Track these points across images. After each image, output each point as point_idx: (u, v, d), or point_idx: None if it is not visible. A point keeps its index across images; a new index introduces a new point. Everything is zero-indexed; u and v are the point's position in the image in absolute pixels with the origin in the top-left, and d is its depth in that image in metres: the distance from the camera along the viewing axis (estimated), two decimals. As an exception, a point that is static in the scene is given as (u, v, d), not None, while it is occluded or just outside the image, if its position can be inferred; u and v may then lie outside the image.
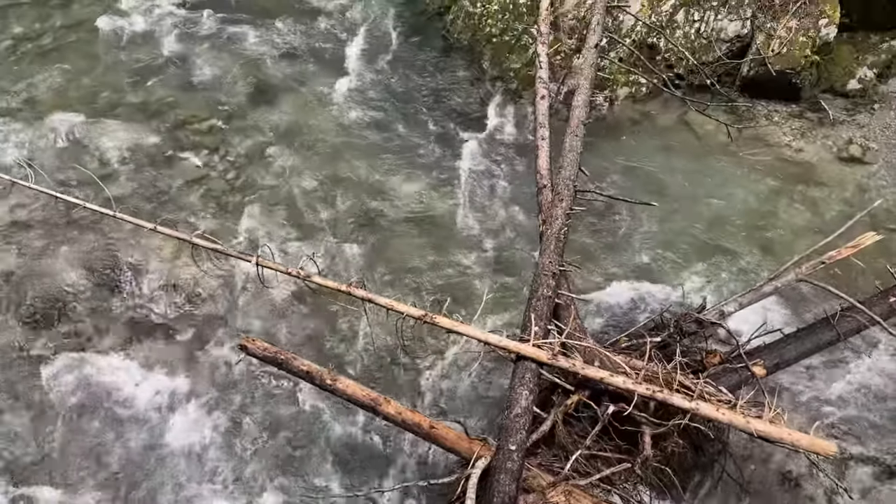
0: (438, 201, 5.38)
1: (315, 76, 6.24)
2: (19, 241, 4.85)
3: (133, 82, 6.03)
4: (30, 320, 4.52)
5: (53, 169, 5.24)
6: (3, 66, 6.14)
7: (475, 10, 6.35)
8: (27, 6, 6.75)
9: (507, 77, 6.05)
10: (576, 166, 4.36)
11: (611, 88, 5.85)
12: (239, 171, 5.51)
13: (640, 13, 5.80)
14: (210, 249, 4.19)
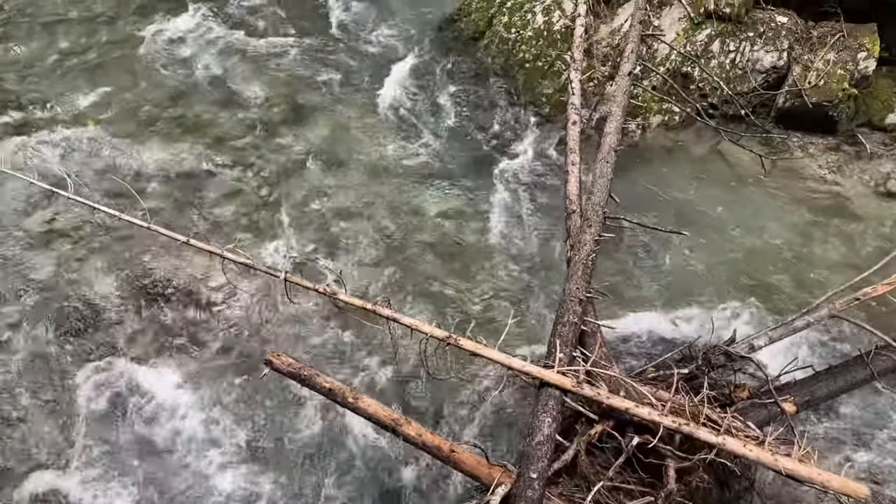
0: (467, 223, 5.40)
1: (350, 97, 6.33)
2: (56, 250, 4.97)
3: (173, 98, 6.18)
4: (63, 327, 4.62)
5: (92, 180, 5.38)
6: (49, 79, 6.34)
7: (509, 35, 6.40)
8: (75, 22, 6.98)
9: (538, 102, 6.08)
10: (606, 192, 4.34)
11: (643, 116, 5.83)
12: (272, 187, 5.59)
13: (675, 42, 5.80)
14: (240, 264, 4.25)
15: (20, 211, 5.18)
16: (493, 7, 6.67)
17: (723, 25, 5.83)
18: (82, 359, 4.49)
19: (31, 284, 4.78)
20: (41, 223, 5.10)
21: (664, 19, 5.96)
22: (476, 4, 6.81)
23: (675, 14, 5.94)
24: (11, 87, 6.25)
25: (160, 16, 6.95)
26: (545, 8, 6.35)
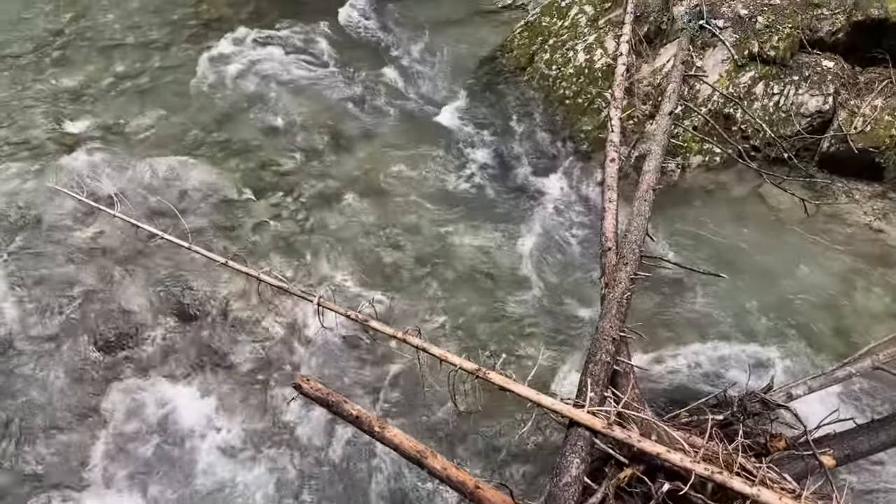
0: (501, 255, 5.39)
1: (390, 128, 6.44)
2: (99, 266, 5.10)
3: (220, 123, 6.36)
4: (99, 342, 4.72)
5: (138, 199, 5.53)
6: (102, 101, 6.60)
7: (550, 72, 6.45)
8: (131, 47, 7.28)
9: (577, 138, 6.09)
10: (643, 231, 4.31)
11: (683, 156, 5.79)
12: (309, 213, 5.68)
13: (717, 83, 5.77)
14: (275, 287, 4.31)
15: (67, 226, 5.35)
16: (534, 44, 6.75)
17: (767, 68, 5.79)
18: (116, 374, 4.57)
19: (73, 299, 4.90)
20: (86, 239, 5.25)
21: (707, 60, 5.95)
22: (518, 41, 6.89)
23: (718, 56, 5.93)
24: (66, 107, 6.52)
25: (212, 43, 7.20)
26: (587, 46, 6.39)
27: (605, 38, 6.35)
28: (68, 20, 7.67)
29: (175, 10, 7.85)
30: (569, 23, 6.70)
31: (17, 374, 4.54)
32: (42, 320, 4.78)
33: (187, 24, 7.62)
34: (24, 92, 6.67)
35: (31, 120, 6.36)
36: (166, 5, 7.96)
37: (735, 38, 5.91)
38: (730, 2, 6.09)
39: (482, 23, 7.67)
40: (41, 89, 6.70)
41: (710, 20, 6.00)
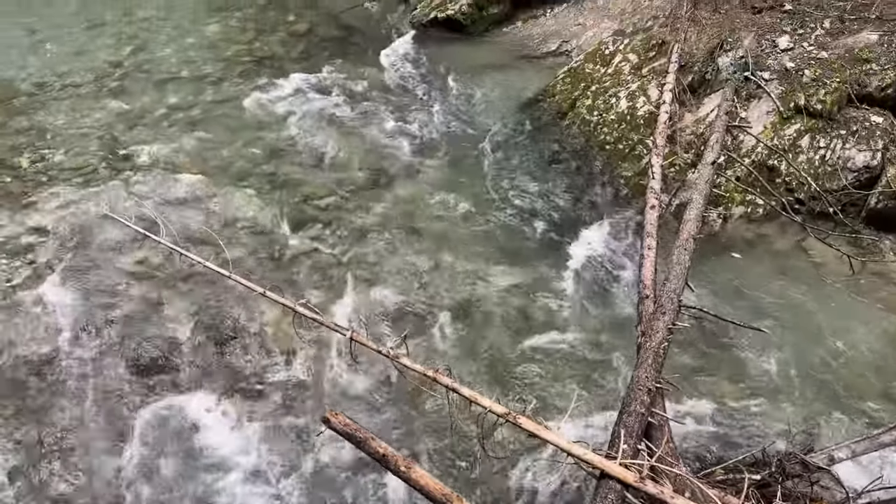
0: (536, 297, 5.35)
1: (430, 167, 6.52)
2: (140, 290, 5.22)
3: (266, 156, 6.53)
4: (136, 363, 4.79)
5: (183, 227, 5.67)
6: (155, 130, 6.84)
7: (591, 118, 6.49)
8: (185, 80, 7.57)
9: (617, 183, 6.07)
10: (682, 280, 4.25)
11: (725, 206, 5.72)
12: (347, 247, 5.74)
13: (761, 135, 5.73)
14: (310, 319, 4.34)
15: (114, 250, 5.49)
16: (577, 90, 6.81)
17: (813, 121, 5.73)
18: (150, 396, 4.62)
19: (114, 320, 5.01)
20: (131, 263, 5.38)
21: (752, 112, 5.91)
22: (560, 87, 6.97)
23: (763, 107, 5.89)
24: (120, 136, 6.77)
25: (263, 80, 7.46)
26: (630, 94, 6.43)
27: (648, 86, 6.38)
28: (128, 53, 8.04)
29: (229, 47, 8.17)
30: (612, 70, 6.76)
31: (56, 391, 4.62)
32: (83, 340, 4.88)
33: (240, 61, 7.92)
34: (82, 119, 6.96)
35: (86, 146, 6.62)
36: (221, 42, 8.30)
37: (781, 90, 5.88)
38: (776, 54, 6.08)
39: (525, 68, 7.79)
40: (98, 117, 6.99)
41: (756, 72, 5.99)
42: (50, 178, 6.23)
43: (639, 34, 7.17)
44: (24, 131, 6.80)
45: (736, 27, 6.47)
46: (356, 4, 9.09)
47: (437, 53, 8.06)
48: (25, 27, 8.66)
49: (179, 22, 8.73)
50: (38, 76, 7.66)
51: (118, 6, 9.09)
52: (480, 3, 8.29)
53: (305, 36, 8.48)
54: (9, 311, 5.02)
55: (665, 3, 7.55)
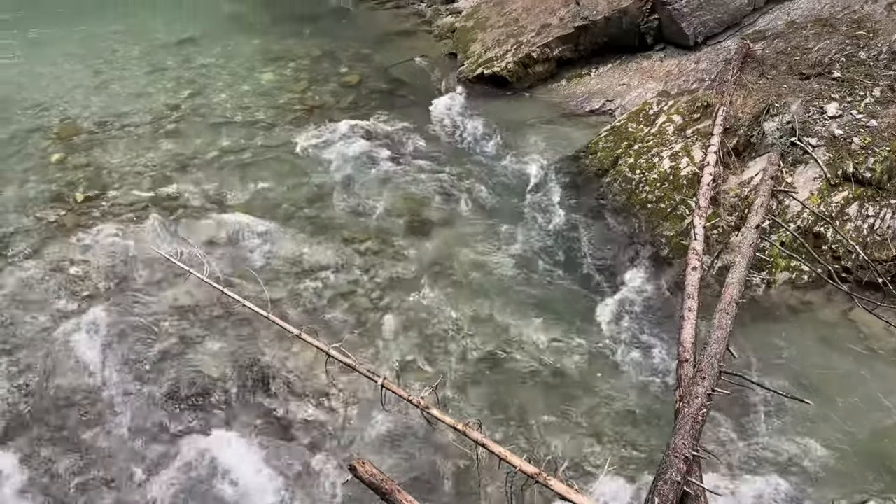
0: (572, 354, 5.27)
1: (469, 218, 6.57)
2: (180, 326, 5.32)
3: (310, 200, 6.69)
4: (170, 399, 4.85)
5: (226, 265, 5.81)
6: (206, 171, 7.08)
7: (633, 175, 6.49)
8: (238, 125, 7.85)
9: (658, 243, 6.02)
10: (723, 345, 4.14)
11: (769, 271, 5.60)
12: (383, 292, 5.78)
13: (808, 201, 5.64)
14: (343, 363, 4.35)
15: (158, 285, 5.64)
16: (619, 148, 6.84)
17: (862, 189, 5.63)
18: (182, 432, 4.65)
19: (152, 355, 5.10)
20: (173, 299, 5.51)
21: (798, 177, 5.84)
22: (603, 144, 7.01)
23: (810, 173, 5.82)
24: (172, 175, 7.02)
25: (313, 127, 7.70)
26: (673, 154, 6.42)
27: (692, 147, 6.37)
28: (185, 97, 8.40)
29: (282, 95, 8.48)
30: (655, 130, 6.79)
31: (90, 422, 4.70)
32: (121, 373, 4.98)
33: (292, 108, 8.20)
34: (137, 158, 7.26)
35: (139, 184, 6.88)
36: (275, 90, 8.62)
37: (828, 157, 5.81)
38: (824, 121, 6.03)
39: (568, 124, 7.87)
40: (152, 157, 7.27)
41: (803, 138, 5.94)
42: (102, 214, 6.46)
43: (683, 96, 7.20)
44: (83, 167, 7.11)
45: (783, 93, 6.46)
46: (406, 59, 9.36)
47: (482, 108, 8.21)
48: (92, 69, 9.14)
49: (236, 70, 9.12)
50: (100, 115, 8.04)
51: (180, 53, 9.55)
52: (526, 62, 8.46)
53: (356, 87, 8.75)
54: (52, 341, 5.17)
55: (711, 67, 7.60)
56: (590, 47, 8.47)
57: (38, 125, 7.85)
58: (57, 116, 8.02)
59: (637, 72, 8.17)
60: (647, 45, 8.29)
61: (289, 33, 10.22)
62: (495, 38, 8.89)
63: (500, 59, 8.55)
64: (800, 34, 7.19)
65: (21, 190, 6.77)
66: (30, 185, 6.83)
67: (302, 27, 10.50)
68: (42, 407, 4.76)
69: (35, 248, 6.01)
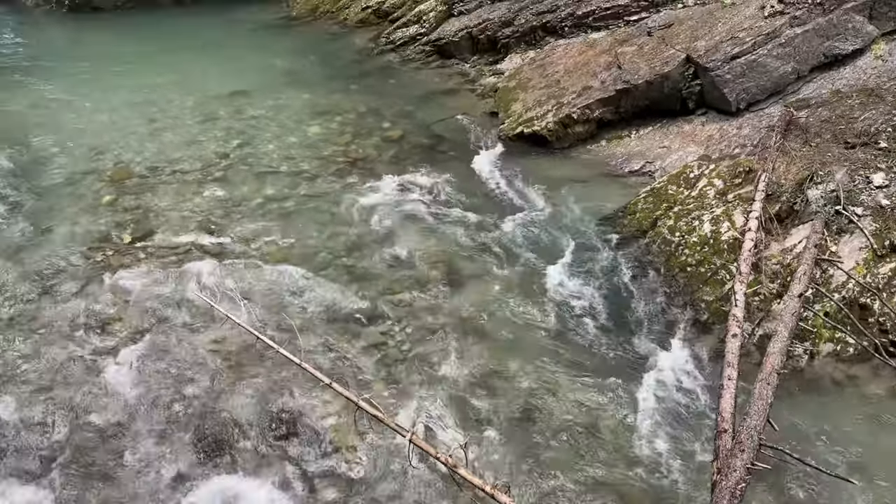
0: (604, 416, 5.15)
1: (505, 273, 6.57)
2: (215, 368, 5.37)
3: (348, 249, 6.78)
4: (199, 441, 4.86)
5: (262, 310, 5.88)
6: (249, 218, 7.26)
7: (673, 238, 6.43)
8: (283, 174, 8.08)
9: (697, 307, 5.91)
10: (764, 417, 4.01)
11: (812, 341, 5.44)
12: (414, 344, 5.76)
13: (853, 271, 5.50)
14: (372, 415, 4.32)
15: (195, 327, 5.73)
16: (658, 210, 6.81)
17: (911, 261, 5.47)
18: (209, 476, 4.64)
19: (185, 396, 5.14)
20: (209, 342, 5.58)
21: (843, 246, 5.72)
22: (642, 205, 6.99)
23: (855, 243, 5.69)
24: (216, 220, 7.21)
25: (354, 179, 7.89)
26: (714, 218, 6.36)
27: (733, 212, 6.31)
28: (234, 146, 8.70)
29: (327, 147, 8.72)
30: (696, 193, 6.75)
31: (120, 460, 4.73)
32: (154, 412, 5.02)
33: (335, 160, 8.42)
34: (185, 203, 7.49)
35: (184, 227, 7.07)
36: (320, 142, 8.88)
37: (875, 227, 5.69)
38: (870, 191, 5.94)
39: (607, 184, 7.89)
40: (199, 202, 7.50)
41: (848, 206, 5.84)
42: (147, 255, 6.65)
43: (725, 160, 7.19)
44: (132, 210, 7.36)
45: (827, 161, 6.40)
46: (448, 116, 9.58)
47: (521, 165, 8.30)
48: (148, 117, 9.55)
49: (285, 122, 9.43)
50: (152, 161, 8.35)
51: (232, 104, 9.94)
52: (566, 122, 8.56)
53: (398, 142, 8.96)
54: (88, 378, 5.26)
55: (753, 133, 7.58)
56: (630, 110, 8.55)
57: (94, 168, 8.19)
58: (111, 160, 8.36)
59: (678, 135, 8.20)
60: (688, 109, 8.33)
61: (337, 89, 10.57)
62: (536, 99, 9.05)
63: (540, 119, 8.68)
64: (845, 103, 7.16)
65: (72, 229, 7.02)
66: (80, 225, 7.08)
67: (349, 83, 10.86)
68: (74, 443, 4.81)
69: (80, 285, 6.19)
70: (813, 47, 7.83)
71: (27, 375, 5.26)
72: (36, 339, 5.59)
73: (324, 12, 14.34)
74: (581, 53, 9.55)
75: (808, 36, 7.82)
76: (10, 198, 7.55)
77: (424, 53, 11.79)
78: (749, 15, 8.27)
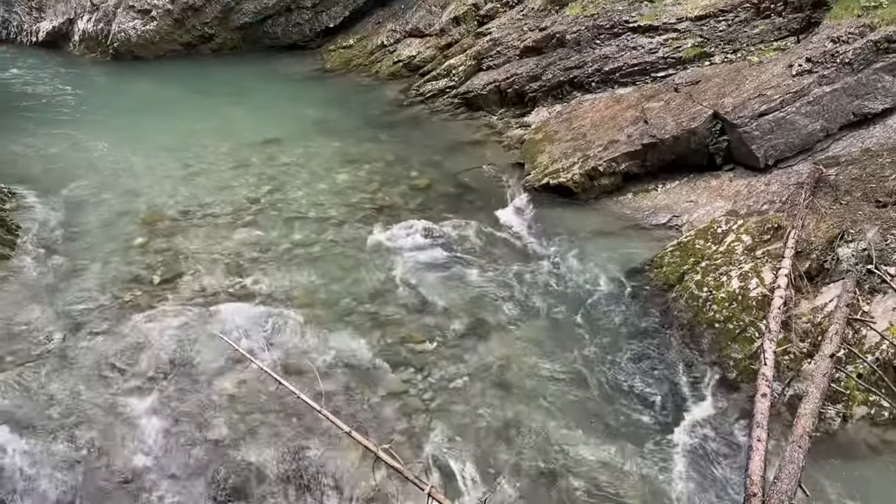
0: (628, 478, 5.01)
1: (529, 325, 6.52)
2: (234, 413, 5.36)
3: (372, 296, 6.81)
4: (216, 487, 4.83)
5: (284, 355, 5.89)
6: (276, 262, 7.34)
7: (700, 293, 6.35)
8: (311, 220, 8.20)
9: (725, 365, 5.78)
10: (795, 481, 3.87)
11: (845, 404, 5.27)
12: (436, 393, 5.71)
13: (887, 332, 5.36)
14: (391, 466, 4.26)
15: (217, 371, 5.75)
16: (686, 264, 6.75)
17: (948, 323, 5.33)
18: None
19: (205, 440, 5.13)
20: (231, 385, 5.59)
21: (875, 306, 5.59)
22: (669, 259, 6.94)
23: (888, 303, 5.56)
24: (244, 263, 7.31)
25: (380, 226, 7.98)
26: (742, 274, 6.28)
27: (762, 269, 6.23)
28: (265, 192, 8.88)
29: (355, 195, 8.86)
30: (724, 248, 6.69)
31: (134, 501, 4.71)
32: (173, 456, 5.01)
33: (363, 207, 8.53)
34: (214, 246, 7.61)
35: (212, 270, 7.17)
36: (348, 189, 9.02)
37: (909, 287, 5.56)
38: (903, 250, 5.83)
39: (633, 237, 7.86)
40: (228, 246, 7.62)
41: (880, 266, 5.73)
42: (175, 296, 6.74)
43: (753, 216, 7.13)
44: (163, 251, 7.50)
45: (858, 219, 6.32)
46: (474, 166, 9.70)
47: (546, 216, 8.32)
48: (183, 162, 9.82)
49: (315, 169, 9.62)
50: (184, 205, 8.55)
51: (265, 151, 10.19)
52: (592, 174, 8.61)
53: (424, 190, 9.07)
54: (110, 419, 5.28)
55: (782, 190, 7.54)
56: (657, 164, 8.58)
57: (128, 210, 8.40)
58: (145, 203, 8.57)
59: (705, 190, 8.18)
60: (715, 164, 8.34)
61: (366, 138, 10.79)
62: (563, 151, 9.14)
63: (566, 171, 8.74)
64: (875, 162, 7.10)
65: (103, 269, 7.16)
66: (112, 266, 7.22)
67: (379, 133, 11.09)
68: (93, 485, 4.81)
69: (109, 325, 6.27)
70: (842, 106, 7.84)
71: (50, 413, 5.30)
72: (62, 376, 5.65)
73: (357, 65, 14.78)
74: (608, 108, 9.66)
75: (837, 95, 7.84)
76: (46, 237, 7.76)
77: (453, 105, 12.02)
78: (776, 73, 8.33)
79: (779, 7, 9.35)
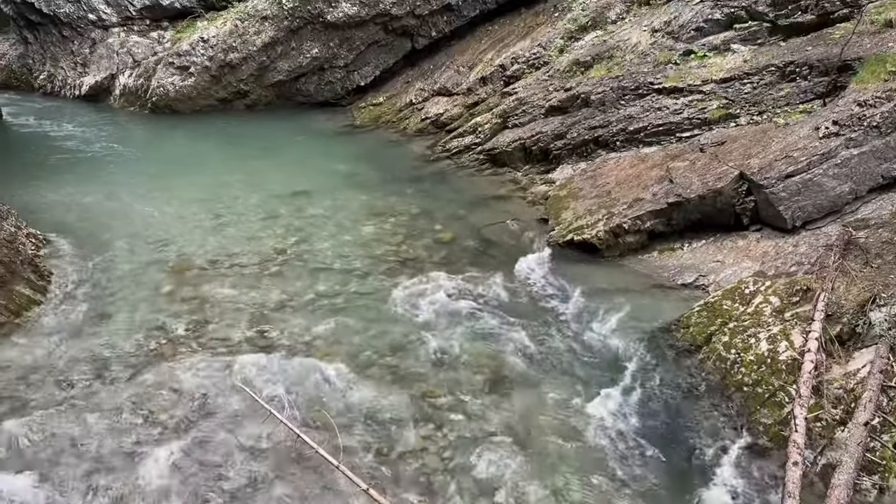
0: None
1: (550, 382, 6.42)
2: (252, 465, 5.31)
3: (393, 349, 6.78)
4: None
5: (304, 407, 5.86)
6: (300, 313, 7.38)
7: (728, 355, 6.21)
8: (335, 271, 8.27)
9: (755, 431, 5.60)
10: (830, 557, 3.69)
11: (882, 475, 5.05)
12: (455, 452, 5.60)
13: (924, 400, 5.17)
14: (408, 525, 4.16)
15: (237, 421, 5.73)
16: (713, 325, 6.63)
17: None
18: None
19: (222, 492, 5.08)
20: (250, 437, 5.55)
21: (912, 373, 5.41)
22: (695, 319, 6.82)
23: (925, 370, 5.39)
24: (268, 314, 7.36)
25: (404, 278, 8.00)
26: (770, 336, 6.15)
27: (791, 332, 6.09)
28: (292, 243, 9.01)
29: (380, 247, 8.95)
30: (752, 310, 6.57)
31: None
32: (189, 507, 4.96)
33: (386, 259, 8.60)
34: (240, 296, 7.70)
35: (237, 320, 7.23)
36: (373, 241, 9.12)
37: (946, 354, 5.39)
38: (938, 315, 5.68)
39: (659, 296, 7.77)
40: (254, 296, 7.70)
41: (915, 331, 5.58)
42: (198, 345, 6.79)
43: (781, 278, 7.02)
44: (188, 300, 7.60)
45: (889, 283, 6.18)
46: (498, 221, 9.76)
47: (570, 272, 8.29)
48: (213, 212, 10.04)
49: (341, 221, 9.77)
50: (213, 254, 8.69)
51: (293, 203, 10.39)
52: (616, 231, 8.59)
53: (448, 244, 9.12)
54: (129, 466, 5.27)
55: (810, 251, 7.44)
56: (683, 223, 8.54)
57: (157, 258, 8.56)
58: (174, 252, 8.74)
59: (732, 250, 8.10)
60: (742, 224, 8.28)
61: (393, 192, 10.96)
62: (587, 208, 9.16)
63: (590, 227, 8.74)
64: (906, 225, 7.00)
65: (130, 316, 7.26)
66: (139, 313, 7.32)
67: (405, 187, 11.26)
68: (108, 534, 4.77)
69: (132, 372, 6.32)
70: (870, 169, 7.78)
71: (69, 459, 5.31)
72: (83, 422, 5.67)
73: (385, 122, 15.15)
74: (632, 166, 9.71)
75: (865, 157, 7.79)
76: (76, 283, 7.92)
77: (478, 161, 12.20)
78: (803, 135, 8.33)
79: (804, 71, 9.40)
